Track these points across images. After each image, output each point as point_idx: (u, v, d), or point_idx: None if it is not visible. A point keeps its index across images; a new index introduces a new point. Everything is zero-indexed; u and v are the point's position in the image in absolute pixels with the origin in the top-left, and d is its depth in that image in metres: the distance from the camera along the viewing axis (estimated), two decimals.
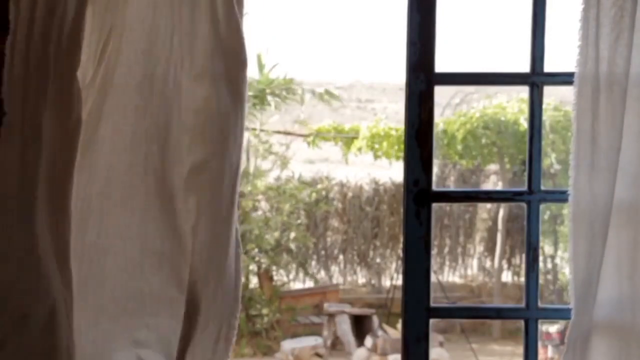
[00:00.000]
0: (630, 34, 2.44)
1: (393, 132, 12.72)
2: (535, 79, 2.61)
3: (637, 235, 2.46)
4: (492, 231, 13.44)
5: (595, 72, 2.45)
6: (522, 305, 2.65)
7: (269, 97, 11.62)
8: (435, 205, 2.63)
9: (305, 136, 13.52)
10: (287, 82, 11.92)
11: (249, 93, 11.41)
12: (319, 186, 12.86)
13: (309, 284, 13.03)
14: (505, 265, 13.21)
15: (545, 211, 11.24)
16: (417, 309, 2.61)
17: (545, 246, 12.05)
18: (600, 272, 2.45)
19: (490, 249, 13.52)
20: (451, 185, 13.65)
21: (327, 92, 12.42)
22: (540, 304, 2.64)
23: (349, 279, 13.64)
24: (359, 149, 13.02)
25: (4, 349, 1.98)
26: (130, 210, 2.31)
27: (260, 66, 11.99)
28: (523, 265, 12.61)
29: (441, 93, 3.04)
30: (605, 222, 2.45)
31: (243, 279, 11.63)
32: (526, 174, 2.66)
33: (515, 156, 12.17)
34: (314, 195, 12.43)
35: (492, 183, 13.57)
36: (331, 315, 11.33)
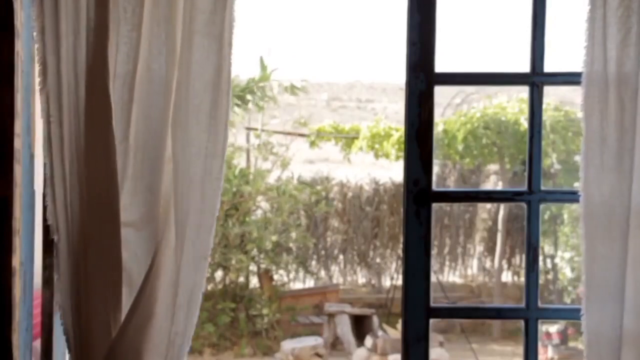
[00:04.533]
0: (638, 33, 2.42)
1: (393, 132, 12.72)
2: (535, 79, 2.61)
3: None
4: (492, 231, 13.44)
5: (603, 72, 2.42)
6: (522, 305, 2.65)
7: (248, 96, 11.61)
8: (435, 205, 2.63)
9: (305, 136, 13.51)
10: (264, 77, 11.90)
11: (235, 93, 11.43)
12: (319, 187, 12.86)
13: (309, 284, 13.03)
14: (505, 265, 13.21)
15: (545, 211, 11.23)
16: (417, 309, 2.61)
17: (545, 246, 12.04)
18: (625, 275, 2.41)
19: (490, 249, 13.51)
20: (451, 185, 13.65)
21: (292, 85, 12.38)
22: (540, 304, 2.64)
23: (349, 279, 13.64)
24: (360, 149, 13.03)
25: None
26: None
27: (263, 68, 11.98)
28: (523, 265, 12.60)
29: (442, 93, 3.04)
30: (621, 223, 2.42)
31: (243, 279, 11.67)
32: (526, 174, 2.65)
33: (515, 156, 12.16)
34: (314, 196, 12.43)
35: (492, 183, 13.56)
36: (331, 315, 11.33)
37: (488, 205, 13.45)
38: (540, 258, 2.77)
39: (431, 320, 2.62)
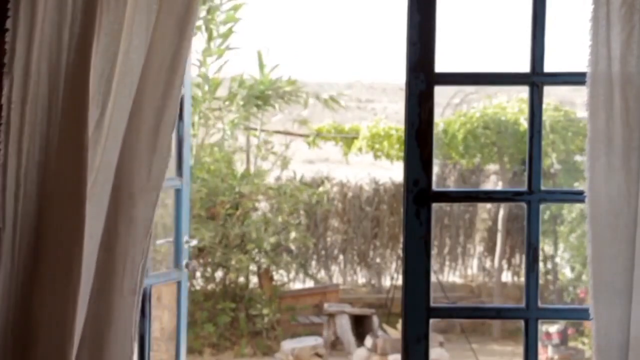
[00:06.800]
0: None
1: (393, 132, 12.72)
2: (535, 79, 2.61)
3: None
4: (492, 231, 13.42)
5: (608, 71, 2.41)
6: (522, 305, 2.65)
7: (272, 100, 11.62)
8: (435, 205, 2.63)
9: (305, 136, 13.51)
10: (290, 83, 11.90)
11: (250, 92, 11.43)
12: (320, 188, 12.85)
13: (309, 284, 13.03)
14: (505, 265, 13.20)
15: (545, 211, 11.22)
16: (417, 309, 2.61)
17: (545, 246, 12.04)
18: (633, 277, 2.39)
19: (490, 249, 13.50)
20: (451, 185, 13.64)
21: (332, 98, 12.43)
22: (540, 304, 2.64)
23: (349, 279, 13.63)
24: (360, 149, 13.03)
25: None
26: None
27: (261, 66, 11.98)
28: (523, 265, 12.59)
29: (441, 93, 3.03)
30: (628, 224, 2.40)
31: (243, 279, 11.66)
32: (526, 174, 2.65)
33: (515, 156, 12.15)
34: (313, 194, 12.42)
35: (492, 183, 13.56)
36: (331, 315, 11.32)
37: (488, 205, 13.44)
38: (540, 258, 2.76)
39: (431, 320, 2.63)
